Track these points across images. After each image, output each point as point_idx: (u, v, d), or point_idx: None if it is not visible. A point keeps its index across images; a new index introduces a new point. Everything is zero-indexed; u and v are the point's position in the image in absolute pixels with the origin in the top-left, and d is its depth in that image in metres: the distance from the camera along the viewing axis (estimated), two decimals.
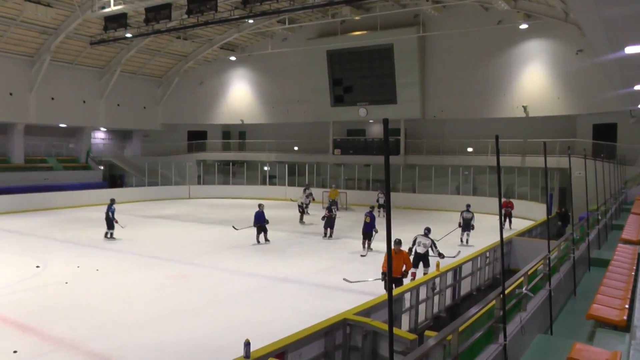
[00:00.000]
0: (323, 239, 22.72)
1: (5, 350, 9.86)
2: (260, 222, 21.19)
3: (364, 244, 20.07)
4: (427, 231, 15.71)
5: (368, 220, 19.93)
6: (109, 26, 31.10)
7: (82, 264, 17.13)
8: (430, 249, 15.21)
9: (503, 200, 24.84)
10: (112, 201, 22.72)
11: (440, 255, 14.79)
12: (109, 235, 22.21)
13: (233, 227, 23.29)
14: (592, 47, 21.93)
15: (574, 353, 6.10)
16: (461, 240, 21.71)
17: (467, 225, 21.74)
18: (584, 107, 30.90)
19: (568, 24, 28.69)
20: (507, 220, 25.65)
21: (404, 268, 13.10)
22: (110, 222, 22.21)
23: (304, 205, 28.10)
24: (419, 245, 15.29)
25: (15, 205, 31.03)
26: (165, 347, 10.10)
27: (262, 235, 21.24)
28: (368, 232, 19.88)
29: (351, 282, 13.49)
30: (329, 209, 23.38)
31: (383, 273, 12.91)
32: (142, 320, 11.78)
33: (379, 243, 19.85)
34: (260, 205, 21.65)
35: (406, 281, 12.78)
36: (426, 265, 15.19)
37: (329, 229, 22.93)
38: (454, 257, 16.21)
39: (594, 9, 8.59)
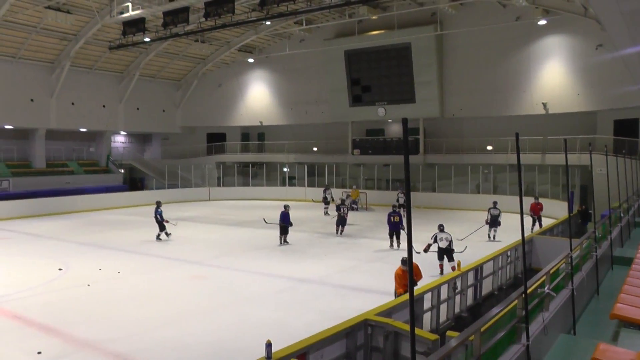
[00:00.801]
0: (336, 236, 23.47)
1: (30, 351, 9.98)
2: (285, 223, 21.22)
3: (392, 241, 20.49)
4: (442, 227, 16.53)
5: (397, 219, 20.22)
6: (127, 31, 31.34)
7: (104, 266, 17.29)
8: (450, 243, 16.01)
9: (532, 202, 24.02)
10: (159, 203, 22.97)
11: (453, 250, 16.14)
12: (161, 237, 22.47)
13: (264, 220, 23.71)
14: (612, 41, 21.68)
15: (598, 354, 6.02)
16: (489, 237, 22.20)
17: (494, 222, 22.16)
18: (604, 102, 30.53)
19: (587, 19, 28.40)
20: (537, 222, 23.89)
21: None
22: (160, 224, 22.47)
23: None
24: (441, 241, 16.08)
25: (37, 209, 31.39)
26: (186, 348, 10.15)
27: (284, 237, 21.29)
28: (396, 231, 20.37)
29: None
30: (338, 208, 24.25)
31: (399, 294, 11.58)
32: (163, 321, 11.85)
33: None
34: (286, 207, 21.68)
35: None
36: (450, 259, 15.87)
37: (340, 227, 23.82)
38: (460, 252, 16.61)
39: (614, 3, 8.49)
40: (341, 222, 23.87)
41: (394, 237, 20.42)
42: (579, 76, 31.48)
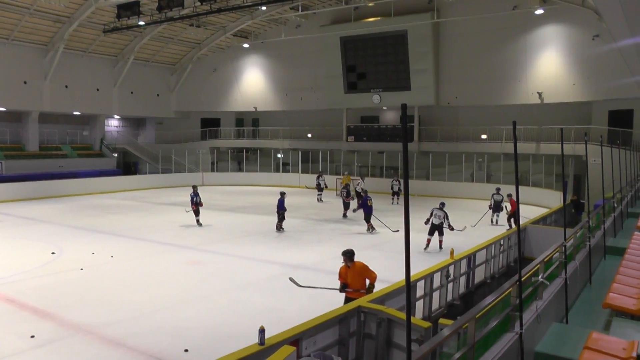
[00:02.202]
0: (343, 218, 24.75)
1: (23, 335, 9.99)
2: (279, 209, 21.21)
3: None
4: (442, 205, 18.13)
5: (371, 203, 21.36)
6: (122, 14, 31.16)
7: (97, 251, 17.27)
8: (443, 221, 17.64)
9: (512, 199, 22.32)
10: (195, 187, 22.97)
11: (450, 227, 18.03)
12: (199, 223, 22.45)
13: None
14: (609, 32, 21.70)
15: (590, 342, 6.06)
16: (492, 221, 23.20)
17: (497, 207, 23.22)
18: (599, 93, 30.57)
19: (585, 9, 28.39)
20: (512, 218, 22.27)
21: (367, 283, 10.19)
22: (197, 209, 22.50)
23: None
24: (435, 217, 17.67)
25: (30, 192, 31.32)
26: (181, 333, 10.16)
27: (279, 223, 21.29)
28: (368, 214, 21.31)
29: (300, 285, 10.93)
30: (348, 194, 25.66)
31: (343, 284, 10.24)
32: (158, 306, 11.86)
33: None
34: (281, 193, 21.68)
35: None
36: (440, 234, 17.73)
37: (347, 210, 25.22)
38: (461, 230, 19.00)
39: None
40: (347, 206, 25.13)
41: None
42: (575, 66, 31.49)
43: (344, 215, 25.02)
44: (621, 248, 11.62)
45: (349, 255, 10.15)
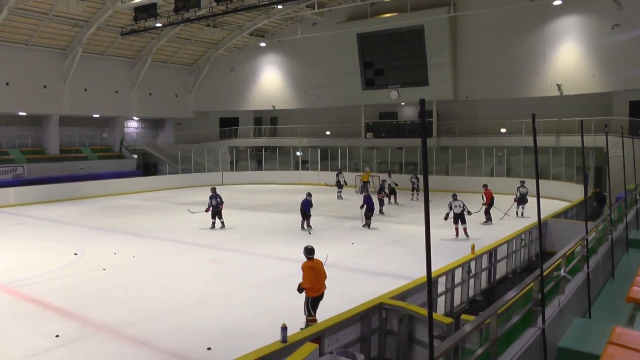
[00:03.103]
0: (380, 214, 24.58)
1: (48, 334, 10.13)
2: (305, 210, 21.16)
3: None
4: (455, 196, 19.48)
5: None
6: (139, 16, 31.35)
7: (119, 251, 17.43)
8: (464, 208, 18.99)
9: (487, 190, 22.66)
10: (213, 190, 22.21)
11: (469, 212, 19.23)
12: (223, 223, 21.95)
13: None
14: (629, 20, 21.43)
15: (614, 337, 6.00)
16: (517, 214, 23.59)
17: (522, 199, 23.66)
18: (620, 83, 30.14)
19: None
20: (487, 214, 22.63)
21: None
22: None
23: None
24: (455, 208, 19.01)
25: (52, 194, 31.65)
26: (201, 332, 10.22)
27: (306, 222, 21.23)
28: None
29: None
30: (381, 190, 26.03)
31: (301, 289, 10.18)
32: (178, 305, 11.94)
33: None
34: (307, 194, 21.44)
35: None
36: (463, 222, 19.00)
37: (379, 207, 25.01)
38: (477, 211, 21.24)
39: None
40: (380, 203, 25.09)
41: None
42: (594, 57, 31.09)
43: (381, 212, 24.87)
44: None
45: (311, 251, 10.48)
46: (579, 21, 31.48)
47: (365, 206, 21.23)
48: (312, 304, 10.05)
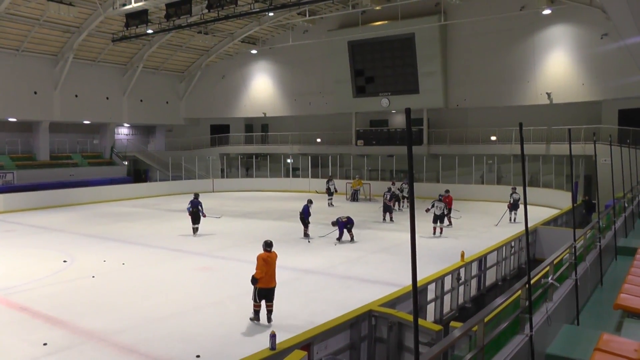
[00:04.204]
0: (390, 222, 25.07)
1: (35, 343, 10.06)
2: (304, 218, 21.21)
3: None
4: (440, 197, 21.79)
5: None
6: (130, 23, 31.37)
7: (109, 258, 17.35)
8: (444, 211, 21.03)
9: (444, 195, 22.85)
10: (197, 195, 22.32)
11: (449, 217, 22.22)
12: (196, 232, 21.84)
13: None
14: (617, 30, 21.61)
15: (601, 344, 6.04)
16: (510, 219, 24.00)
17: (515, 206, 24.15)
18: (609, 92, 30.40)
19: (592, 8, 28.29)
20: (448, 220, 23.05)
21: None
22: (196, 217, 21.78)
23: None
24: (437, 208, 20.91)
25: (42, 201, 31.48)
26: (191, 339, 10.20)
27: (304, 231, 21.25)
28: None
29: None
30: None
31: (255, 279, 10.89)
32: (169, 312, 11.90)
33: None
34: (309, 201, 21.66)
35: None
36: (442, 222, 21.14)
37: (386, 214, 25.47)
38: (457, 218, 23.68)
39: None
40: (387, 209, 25.24)
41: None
42: (584, 66, 31.34)
43: (391, 219, 25.10)
44: (632, 248, 11.57)
45: (271, 245, 11.46)
46: (568, 30, 31.74)
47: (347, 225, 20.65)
48: (259, 294, 10.74)
